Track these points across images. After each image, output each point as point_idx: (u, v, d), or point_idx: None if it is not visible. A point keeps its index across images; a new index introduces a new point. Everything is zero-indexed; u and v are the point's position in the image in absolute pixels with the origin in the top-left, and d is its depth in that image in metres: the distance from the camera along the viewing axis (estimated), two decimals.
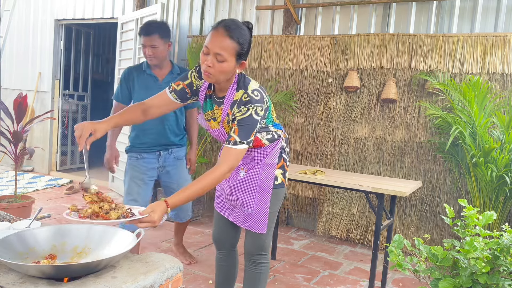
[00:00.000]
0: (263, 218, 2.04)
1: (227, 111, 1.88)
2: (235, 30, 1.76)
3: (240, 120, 1.81)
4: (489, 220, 1.62)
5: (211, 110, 1.97)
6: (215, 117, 1.97)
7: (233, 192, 2.06)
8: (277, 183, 2.06)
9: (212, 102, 1.97)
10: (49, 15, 6.36)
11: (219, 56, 1.74)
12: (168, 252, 3.56)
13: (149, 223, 1.58)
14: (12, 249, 1.48)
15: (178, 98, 1.97)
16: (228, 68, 1.77)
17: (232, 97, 1.88)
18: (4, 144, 3.90)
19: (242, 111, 1.82)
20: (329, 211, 4.22)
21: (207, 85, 1.96)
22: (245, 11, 4.91)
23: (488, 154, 3.19)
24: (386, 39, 4.01)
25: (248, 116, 1.81)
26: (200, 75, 1.95)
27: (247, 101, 1.82)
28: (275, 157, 2.05)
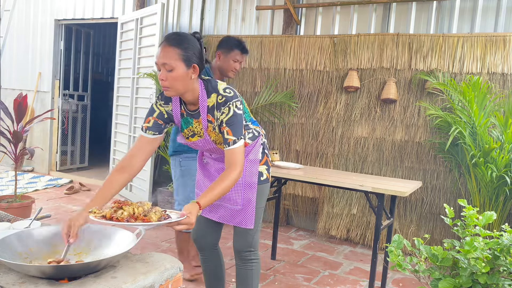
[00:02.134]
0: (250, 213, 2.07)
1: (207, 118, 1.90)
2: (174, 38, 1.79)
3: (227, 121, 1.86)
4: (489, 220, 1.61)
5: (190, 127, 1.98)
6: (194, 131, 1.98)
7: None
8: (263, 179, 2.10)
9: (188, 119, 1.97)
10: (49, 15, 6.36)
11: (166, 65, 1.76)
12: (168, 252, 3.56)
13: (186, 225, 1.60)
14: (12, 249, 1.48)
15: (156, 132, 1.95)
16: (179, 74, 1.77)
17: (206, 103, 1.89)
18: (4, 144, 3.90)
19: (225, 112, 1.86)
20: (329, 211, 4.22)
21: (178, 106, 1.95)
22: (245, 11, 4.91)
23: (488, 154, 3.19)
24: (386, 39, 4.01)
25: (232, 115, 1.85)
26: (165, 100, 1.96)
27: (224, 101, 1.85)
28: (258, 153, 2.09)
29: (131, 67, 5.16)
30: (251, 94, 4.65)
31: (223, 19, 5.04)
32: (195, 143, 2.02)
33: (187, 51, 1.78)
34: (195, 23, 5.20)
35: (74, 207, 4.74)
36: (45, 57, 6.38)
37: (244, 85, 4.70)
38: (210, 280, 2.34)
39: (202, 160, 2.21)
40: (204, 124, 1.92)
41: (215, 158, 2.12)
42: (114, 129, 5.61)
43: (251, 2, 4.85)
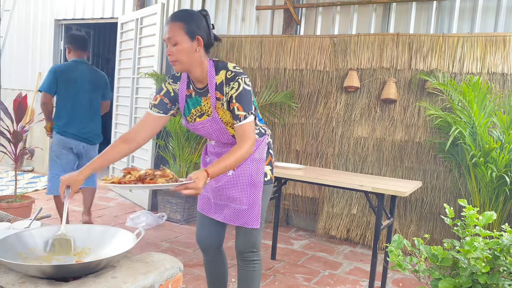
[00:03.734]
0: (256, 213, 2.04)
1: (215, 95, 1.91)
2: (178, 14, 1.86)
3: (237, 96, 1.86)
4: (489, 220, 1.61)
5: (198, 106, 1.98)
6: (203, 111, 1.97)
7: (224, 191, 2.05)
8: (267, 179, 2.07)
9: (197, 98, 1.98)
10: (49, 15, 6.36)
11: (171, 40, 1.81)
12: (168, 252, 3.56)
13: (193, 189, 1.62)
14: (12, 249, 1.48)
15: (161, 111, 1.98)
16: (183, 47, 1.82)
17: (214, 80, 1.91)
18: (4, 144, 3.90)
19: (235, 87, 1.87)
20: (329, 211, 4.22)
21: (185, 86, 1.98)
22: (245, 11, 4.91)
23: (488, 154, 3.19)
24: (386, 39, 4.01)
25: (242, 90, 1.87)
26: (174, 79, 2.01)
27: (233, 76, 1.87)
28: (263, 152, 2.06)
29: (131, 67, 5.16)
30: None
31: (223, 19, 5.04)
32: (203, 124, 1.98)
33: (190, 24, 1.82)
34: None
35: (74, 207, 4.74)
36: (45, 57, 6.38)
37: None
38: (213, 281, 2.31)
39: (205, 159, 2.19)
40: (213, 101, 1.91)
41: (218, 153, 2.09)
42: (114, 129, 5.61)
43: (251, 2, 4.85)
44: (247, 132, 1.87)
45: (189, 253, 3.57)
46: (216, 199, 2.11)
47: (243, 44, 4.66)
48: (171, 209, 4.46)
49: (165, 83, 2.03)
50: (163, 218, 4.39)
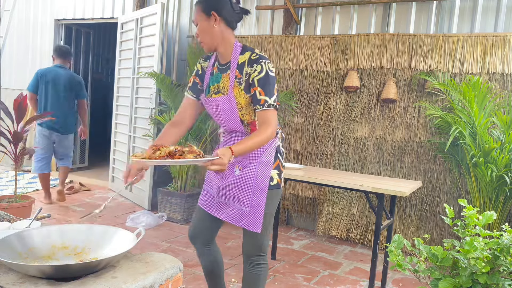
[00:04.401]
0: (258, 217, 1.99)
1: (235, 73, 1.93)
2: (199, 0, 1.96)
3: (259, 80, 1.86)
4: (489, 220, 1.61)
5: (217, 83, 2.00)
6: (220, 89, 1.98)
7: (229, 190, 2.03)
8: (273, 184, 2.01)
9: (218, 74, 2.01)
10: (49, 15, 6.36)
11: (195, 21, 1.94)
12: (168, 252, 3.56)
13: (219, 165, 1.67)
14: (12, 249, 1.48)
15: (194, 94, 2.09)
16: (202, 26, 1.90)
17: (237, 60, 1.94)
18: (4, 144, 3.90)
19: (257, 69, 1.87)
20: (329, 211, 4.22)
21: (212, 64, 2.06)
22: None
23: (488, 154, 3.19)
24: (386, 39, 4.01)
25: (265, 75, 1.86)
26: (205, 58, 2.11)
27: (257, 59, 1.88)
28: (271, 155, 2.00)
29: (131, 67, 5.16)
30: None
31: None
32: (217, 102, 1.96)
33: (205, 2, 1.91)
34: None
35: (74, 207, 4.74)
36: (45, 57, 6.37)
37: None
38: (206, 275, 2.33)
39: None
40: (232, 79, 1.92)
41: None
42: (114, 129, 5.61)
43: (251, 2, 4.85)
44: (270, 119, 1.86)
45: (189, 253, 3.57)
46: (220, 197, 2.08)
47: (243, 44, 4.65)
48: (171, 209, 4.46)
49: (198, 63, 2.12)
50: (163, 218, 4.39)
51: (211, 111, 2.04)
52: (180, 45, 5.30)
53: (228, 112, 1.95)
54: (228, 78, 1.94)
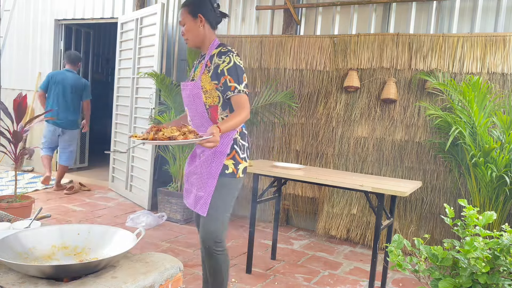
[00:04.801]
0: (207, 202, 2.14)
1: (206, 62, 2.17)
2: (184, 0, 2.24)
3: (228, 69, 2.09)
4: (489, 220, 1.61)
5: (195, 71, 2.26)
6: (194, 75, 2.24)
7: (191, 176, 2.24)
8: (227, 172, 2.15)
9: (198, 63, 2.29)
10: (49, 15, 6.36)
11: (181, 22, 2.21)
12: (168, 252, 3.56)
13: (213, 142, 1.83)
14: (12, 249, 1.48)
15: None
16: (189, 26, 2.18)
17: (211, 52, 2.19)
18: (4, 144, 3.90)
19: (226, 60, 2.11)
20: (329, 211, 4.22)
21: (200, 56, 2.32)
22: (245, 11, 4.91)
23: (488, 154, 3.19)
24: (386, 39, 4.01)
25: (233, 65, 2.10)
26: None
27: (226, 51, 2.13)
28: (227, 146, 2.16)
29: (131, 67, 5.16)
30: (251, 94, 4.65)
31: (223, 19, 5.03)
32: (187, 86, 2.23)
33: (192, 6, 2.18)
34: None
35: (74, 207, 4.74)
36: (45, 57, 6.38)
37: None
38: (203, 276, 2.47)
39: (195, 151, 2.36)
40: (203, 67, 2.18)
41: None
42: (114, 129, 5.61)
43: (251, 2, 4.85)
44: (243, 103, 2.08)
45: (189, 253, 3.57)
46: (186, 183, 2.30)
47: (243, 44, 4.66)
48: (171, 209, 4.46)
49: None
50: (163, 218, 4.39)
51: (184, 95, 2.27)
52: (180, 45, 5.29)
53: (195, 95, 2.18)
54: (201, 67, 2.21)
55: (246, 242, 3.81)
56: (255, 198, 3.23)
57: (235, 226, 4.40)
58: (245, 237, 4.02)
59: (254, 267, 3.35)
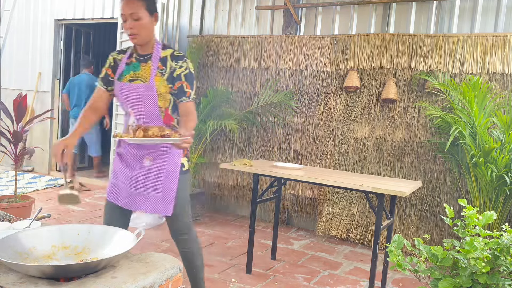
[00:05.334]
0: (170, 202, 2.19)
1: (157, 64, 2.13)
2: None
3: (185, 75, 2.12)
4: (489, 220, 1.61)
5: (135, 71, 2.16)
6: (138, 76, 2.15)
7: (142, 181, 2.19)
8: (184, 169, 2.24)
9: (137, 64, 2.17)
10: (49, 15, 6.36)
11: (134, 14, 2.04)
12: (168, 252, 3.56)
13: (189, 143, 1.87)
14: (12, 249, 1.48)
15: (104, 85, 2.22)
16: (145, 22, 2.07)
17: (159, 54, 2.14)
18: (4, 144, 3.90)
19: (183, 66, 2.12)
20: (329, 211, 4.22)
21: (127, 56, 2.20)
22: (245, 11, 4.91)
23: (488, 154, 3.19)
24: (386, 39, 4.01)
25: (189, 71, 2.13)
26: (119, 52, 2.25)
27: (181, 56, 2.14)
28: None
29: None
30: (251, 94, 4.65)
31: (223, 19, 5.04)
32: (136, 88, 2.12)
33: (150, 1, 2.09)
34: (195, 23, 5.21)
35: (74, 207, 4.74)
36: (45, 57, 6.37)
37: (244, 85, 4.70)
38: None
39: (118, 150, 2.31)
40: (154, 69, 2.12)
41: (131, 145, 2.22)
42: (114, 129, 5.60)
43: (251, 2, 4.85)
44: (194, 110, 2.15)
45: None
46: (133, 188, 2.21)
47: (243, 44, 4.66)
48: None
49: (111, 56, 2.24)
50: (163, 218, 4.39)
51: (128, 96, 2.15)
52: (180, 45, 5.29)
53: (148, 97, 2.13)
54: (149, 68, 2.14)
55: (246, 242, 3.81)
56: (255, 198, 3.23)
57: (235, 226, 4.40)
58: (245, 237, 4.02)
59: (254, 267, 3.35)
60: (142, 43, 2.12)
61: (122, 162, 2.25)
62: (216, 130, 4.37)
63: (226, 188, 4.87)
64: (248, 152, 4.71)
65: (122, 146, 2.26)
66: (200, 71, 4.91)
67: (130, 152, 2.22)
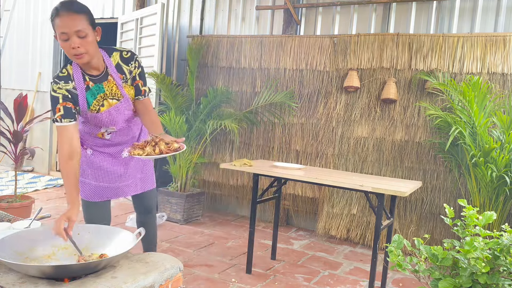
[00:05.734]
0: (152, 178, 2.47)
1: (119, 76, 2.06)
2: (77, 5, 1.88)
3: (139, 74, 2.12)
4: (489, 220, 1.61)
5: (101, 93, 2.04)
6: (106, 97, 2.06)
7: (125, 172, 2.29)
8: None
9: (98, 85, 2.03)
10: (49, 15, 6.36)
11: (80, 32, 1.83)
12: (168, 252, 3.56)
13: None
14: (12, 249, 1.48)
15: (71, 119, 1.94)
16: (92, 39, 1.88)
17: (112, 65, 2.05)
18: (4, 144, 3.90)
19: (136, 66, 2.10)
20: (329, 211, 4.22)
21: (81, 79, 1.99)
22: (245, 11, 4.91)
23: (488, 154, 3.19)
24: (386, 39, 4.01)
25: (142, 69, 2.13)
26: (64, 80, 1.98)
27: (131, 56, 2.08)
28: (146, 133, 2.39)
29: None
30: (251, 94, 4.65)
31: (223, 19, 5.04)
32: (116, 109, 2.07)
33: (91, 15, 1.91)
34: (195, 23, 5.21)
35: None
36: (45, 57, 6.38)
37: (244, 85, 4.70)
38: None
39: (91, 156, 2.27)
40: (119, 83, 2.05)
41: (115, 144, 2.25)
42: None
43: (251, 2, 4.85)
44: (151, 104, 2.19)
45: (189, 253, 3.57)
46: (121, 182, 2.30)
47: (243, 44, 4.66)
48: (171, 209, 4.46)
49: (55, 91, 1.95)
50: (163, 218, 4.39)
51: (107, 119, 2.09)
52: (180, 45, 5.30)
53: (127, 109, 2.14)
54: (113, 84, 2.05)
55: (246, 242, 3.81)
56: (255, 198, 3.23)
57: (235, 226, 4.40)
58: (245, 237, 4.02)
59: (254, 267, 3.35)
60: (90, 60, 1.92)
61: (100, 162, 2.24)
62: (216, 130, 4.37)
63: (226, 188, 4.87)
64: (248, 152, 4.71)
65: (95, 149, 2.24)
66: (200, 71, 4.91)
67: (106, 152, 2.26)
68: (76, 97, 1.99)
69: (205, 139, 4.50)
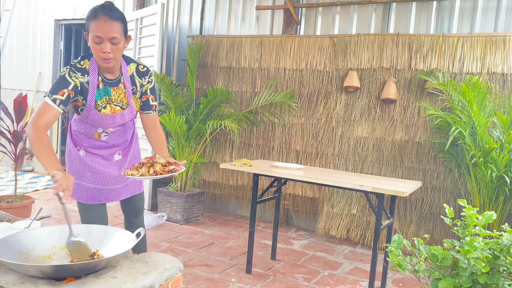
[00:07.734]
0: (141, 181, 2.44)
1: (130, 86, 2.11)
2: (116, 11, 1.92)
3: (151, 89, 2.17)
4: (489, 220, 1.61)
5: (106, 96, 2.07)
6: (111, 101, 2.08)
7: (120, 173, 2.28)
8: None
9: (106, 88, 2.06)
10: (49, 15, 6.36)
11: (115, 39, 1.89)
12: (168, 252, 3.56)
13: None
14: (12, 249, 1.48)
15: (65, 108, 1.96)
16: (123, 47, 1.95)
17: (127, 73, 2.08)
18: (4, 144, 3.90)
19: (150, 81, 2.16)
20: (329, 211, 4.22)
21: (96, 77, 2.02)
22: (245, 11, 4.91)
23: (488, 154, 3.19)
24: (386, 39, 4.01)
25: (154, 84, 2.20)
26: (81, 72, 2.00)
27: (146, 71, 2.14)
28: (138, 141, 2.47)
29: None
30: (251, 94, 4.65)
31: (223, 19, 5.04)
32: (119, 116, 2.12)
33: (126, 23, 1.96)
34: (195, 23, 5.21)
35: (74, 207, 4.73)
36: (45, 57, 6.38)
37: (244, 85, 4.70)
38: None
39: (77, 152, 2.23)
40: (129, 92, 2.10)
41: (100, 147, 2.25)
42: None
43: (251, 2, 4.85)
44: (158, 120, 2.25)
45: (189, 253, 3.57)
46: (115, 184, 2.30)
47: (243, 44, 4.66)
48: (171, 209, 4.47)
49: (70, 76, 1.96)
50: (163, 218, 4.39)
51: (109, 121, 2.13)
52: (180, 45, 5.30)
53: (129, 118, 2.19)
54: (122, 92, 2.09)
55: (246, 242, 3.81)
56: (255, 198, 3.23)
57: (235, 226, 4.40)
58: (245, 237, 4.02)
59: (254, 267, 3.35)
60: (116, 66, 2.01)
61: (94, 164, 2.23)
62: (216, 130, 4.37)
63: (226, 188, 4.87)
64: (248, 152, 4.71)
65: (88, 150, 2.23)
66: (200, 71, 4.91)
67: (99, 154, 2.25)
68: (86, 91, 2.01)
69: (205, 139, 4.50)
